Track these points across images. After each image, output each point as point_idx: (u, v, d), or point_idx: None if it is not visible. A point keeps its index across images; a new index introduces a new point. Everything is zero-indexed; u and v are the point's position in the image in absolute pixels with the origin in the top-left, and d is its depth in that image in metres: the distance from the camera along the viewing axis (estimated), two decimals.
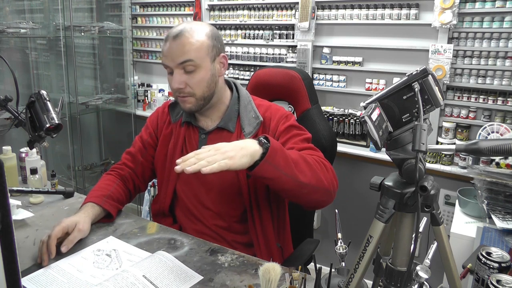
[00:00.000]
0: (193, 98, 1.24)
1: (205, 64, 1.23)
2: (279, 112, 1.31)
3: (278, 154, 1.06)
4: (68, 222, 1.14)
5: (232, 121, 1.31)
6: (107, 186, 1.33)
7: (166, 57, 1.22)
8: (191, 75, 1.22)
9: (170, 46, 1.21)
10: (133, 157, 1.41)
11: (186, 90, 1.23)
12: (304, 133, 1.29)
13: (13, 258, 0.57)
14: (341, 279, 0.97)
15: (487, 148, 0.70)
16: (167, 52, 1.22)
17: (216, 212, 1.30)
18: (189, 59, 1.20)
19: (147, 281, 0.97)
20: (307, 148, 1.23)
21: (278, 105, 1.36)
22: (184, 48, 1.19)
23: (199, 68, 1.22)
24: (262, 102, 1.35)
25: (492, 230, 1.50)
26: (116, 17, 3.32)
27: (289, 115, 1.31)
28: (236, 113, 1.32)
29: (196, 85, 1.23)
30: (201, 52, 1.21)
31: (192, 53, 1.20)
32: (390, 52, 2.29)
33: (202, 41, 1.22)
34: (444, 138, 2.15)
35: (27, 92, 2.81)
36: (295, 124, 1.30)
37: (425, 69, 0.74)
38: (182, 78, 1.22)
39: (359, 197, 2.44)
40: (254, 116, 1.29)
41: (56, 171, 1.61)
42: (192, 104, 1.25)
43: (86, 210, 1.23)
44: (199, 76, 1.22)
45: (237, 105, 1.32)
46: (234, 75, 2.83)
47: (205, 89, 1.24)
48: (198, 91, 1.24)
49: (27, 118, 1.16)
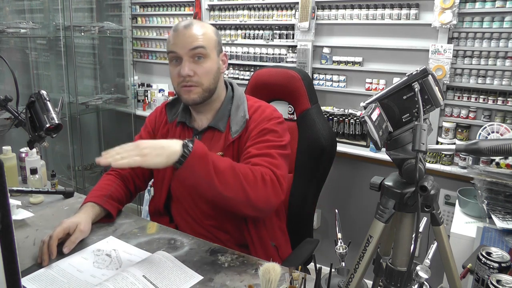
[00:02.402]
0: (200, 88, 1.25)
1: (213, 55, 1.26)
2: (264, 113, 1.29)
3: (199, 160, 1.04)
4: (69, 223, 1.14)
5: (223, 121, 1.31)
6: (107, 186, 1.33)
7: (176, 44, 1.23)
8: (200, 64, 1.24)
9: (182, 33, 1.23)
10: None
11: (194, 79, 1.23)
12: (277, 140, 1.24)
13: (13, 258, 0.57)
14: (341, 279, 0.97)
15: (487, 148, 0.70)
16: (178, 39, 1.23)
17: (209, 211, 1.30)
18: (201, 45, 1.22)
19: (147, 281, 0.97)
20: (264, 155, 1.19)
21: (269, 106, 1.34)
22: (196, 35, 1.23)
23: (208, 58, 1.24)
24: (256, 103, 1.35)
25: (492, 230, 1.49)
26: (116, 17, 3.31)
27: (274, 117, 1.29)
28: (228, 112, 1.32)
29: (204, 75, 1.24)
30: (210, 43, 1.25)
31: (204, 41, 1.24)
32: (390, 52, 2.29)
33: (210, 34, 1.27)
34: (444, 138, 2.15)
35: (27, 92, 2.81)
36: (273, 128, 1.26)
37: (425, 69, 0.74)
38: (191, 66, 1.23)
39: (359, 197, 2.44)
40: (242, 115, 1.30)
41: (56, 171, 1.61)
42: (198, 95, 1.25)
43: (87, 210, 1.23)
44: (208, 66, 1.24)
45: (230, 105, 1.33)
46: (234, 75, 2.82)
47: (211, 80, 1.26)
48: (206, 81, 1.25)
49: (27, 118, 1.16)
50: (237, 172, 1.09)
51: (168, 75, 1.33)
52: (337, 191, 2.48)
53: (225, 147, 1.28)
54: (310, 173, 1.59)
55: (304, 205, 1.59)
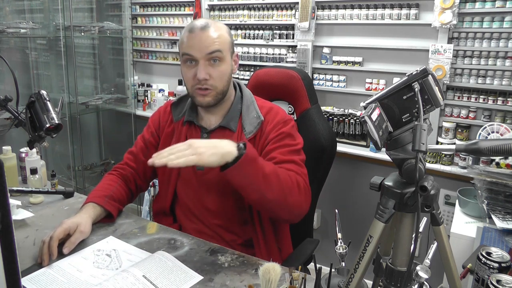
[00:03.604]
0: (214, 91, 1.25)
1: (227, 58, 1.26)
2: (278, 115, 1.30)
3: (250, 164, 1.07)
4: (70, 224, 1.14)
5: (234, 120, 1.31)
6: (108, 186, 1.33)
7: (192, 47, 1.22)
8: (215, 68, 1.23)
9: (198, 36, 1.21)
10: (135, 157, 1.41)
11: (210, 82, 1.23)
12: (294, 144, 1.27)
13: (13, 258, 0.57)
14: (341, 279, 0.97)
15: (487, 148, 0.70)
16: (194, 41, 1.21)
17: (215, 211, 1.30)
18: (218, 49, 1.21)
19: (147, 281, 0.97)
20: (291, 162, 1.22)
21: (279, 108, 1.36)
22: (214, 39, 1.21)
23: (223, 61, 1.24)
24: (264, 103, 1.36)
25: (492, 230, 1.50)
26: (116, 17, 3.31)
27: (287, 120, 1.30)
28: (238, 112, 1.32)
29: (219, 78, 1.24)
30: (226, 45, 1.24)
31: (221, 44, 1.22)
32: (390, 52, 2.29)
33: (225, 35, 1.25)
34: (444, 138, 2.15)
35: (27, 92, 2.81)
36: (289, 132, 1.28)
37: (425, 69, 0.74)
38: (208, 69, 1.22)
39: (359, 197, 2.44)
40: (255, 116, 1.30)
41: (56, 171, 1.61)
42: (212, 98, 1.26)
43: (87, 210, 1.23)
44: (222, 69, 1.24)
45: (240, 105, 1.33)
46: (234, 75, 2.82)
47: (225, 83, 1.27)
48: (220, 84, 1.25)
49: (27, 118, 1.16)
50: (280, 176, 1.13)
51: (168, 75, 1.33)
52: (337, 191, 2.48)
53: None
54: (310, 173, 1.57)
55: None
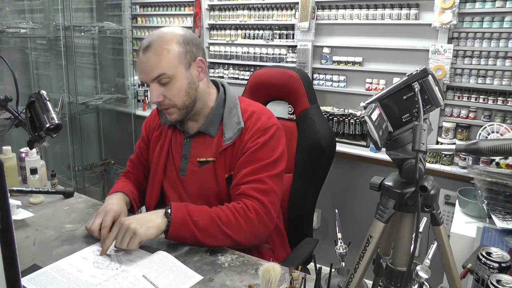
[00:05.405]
0: (175, 108, 1.22)
1: (179, 74, 1.19)
2: (259, 122, 1.25)
3: (182, 227, 1.11)
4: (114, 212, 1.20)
5: (214, 126, 1.29)
6: (126, 185, 1.39)
7: (140, 72, 1.21)
8: (167, 87, 1.19)
9: (141, 60, 1.18)
10: (134, 164, 1.46)
11: (166, 102, 1.21)
12: (269, 156, 1.22)
13: (13, 258, 0.57)
14: (341, 279, 0.97)
15: (487, 148, 0.70)
16: (140, 66, 1.20)
17: None
18: (161, 73, 1.16)
19: (147, 281, 0.97)
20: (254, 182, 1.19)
21: (264, 112, 1.30)
22: (155, 62, 1.16)
23: (174, 79, 1.18)
24: (249, 106, 1.31)
25: (492, 230, 1.49)
26: (116, 17, 3.32)
27: (268, 127, 1.25)
28: (220, 117, 1.29)
29: (174, 96, 1.20)
30: (173, 63, 1.17)
31: (164, 65, 1.16)
32: (390, 52, 2.29)
33: (173, 50, 1.17)
34: (444, 138, 2.15)
35: (27, 92, 2.81)
36: (267, 142, 1.23)
37: (425, 69, 0.74)
38: (159, 91, 1.19)
39: (359, 197, 2.44)
40: (236, 122, 1.26)
41: (56, 171, 1.61)
42: (176, 115, 1.24)
43: (120, 197, 1.29)
44: (176, 87, 1.19)
45: (222, 108, 1.30)
46: (234, 75, 2.83)
47: (184, 98, 1.22)
48: (178, 101, 1.21)
49: (27, 118, 1.16)
50: (218, 223, 1.13)
51: None
52: (337, 191, 2.47)
53: (218, 153, 1.26)
54: (309, 173, 1.59)
55: (304, 205, 1.59)
